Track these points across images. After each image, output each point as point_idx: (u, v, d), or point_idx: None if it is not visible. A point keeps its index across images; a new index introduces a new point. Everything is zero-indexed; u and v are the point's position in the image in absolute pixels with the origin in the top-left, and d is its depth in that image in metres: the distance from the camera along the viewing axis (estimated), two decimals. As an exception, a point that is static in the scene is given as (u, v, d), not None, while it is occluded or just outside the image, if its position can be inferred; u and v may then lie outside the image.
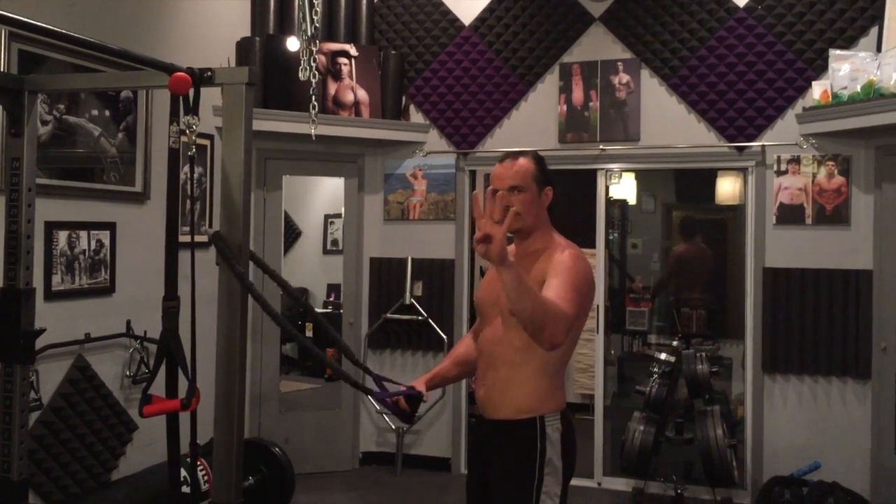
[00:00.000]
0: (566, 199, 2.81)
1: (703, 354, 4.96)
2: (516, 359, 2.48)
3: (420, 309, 5.55)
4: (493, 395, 2.52)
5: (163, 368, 2.51)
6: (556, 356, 2.45)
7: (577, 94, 5.30)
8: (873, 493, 4.61)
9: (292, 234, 8.78)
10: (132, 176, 4.28)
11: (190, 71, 2.45)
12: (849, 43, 4.76)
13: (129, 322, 4.18)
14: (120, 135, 4.20)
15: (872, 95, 4.31)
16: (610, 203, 5.70)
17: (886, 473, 4.60)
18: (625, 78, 5.20)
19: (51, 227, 3.73)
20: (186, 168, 4.18)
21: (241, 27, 5.42)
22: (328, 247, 8.87)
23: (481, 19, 5.52)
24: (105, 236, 4.08)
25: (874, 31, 4.68)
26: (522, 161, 2.54)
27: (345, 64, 5.43)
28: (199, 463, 4.07)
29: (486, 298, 2.62)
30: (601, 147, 5.23)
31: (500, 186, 2.48)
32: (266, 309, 2.56)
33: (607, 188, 5.46)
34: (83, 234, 3.94)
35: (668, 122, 5.15)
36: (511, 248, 2.48)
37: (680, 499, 4.90)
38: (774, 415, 4.94)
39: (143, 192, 4.33)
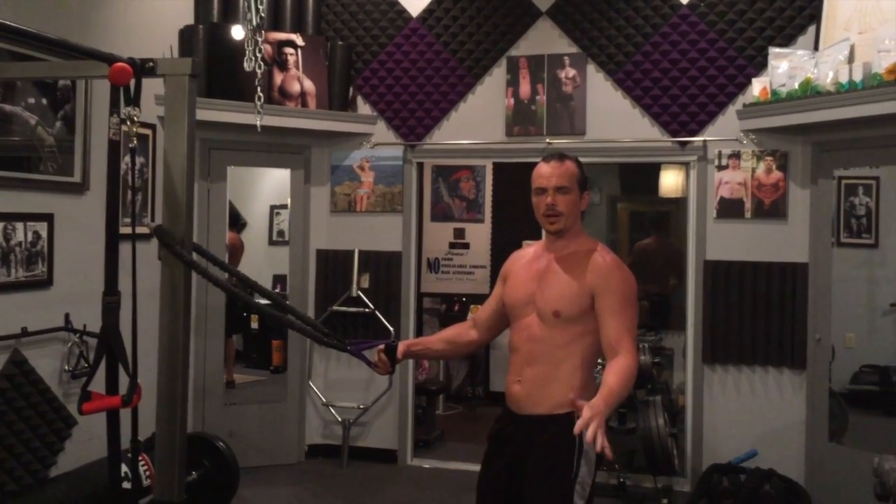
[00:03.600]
0: (514, 191, 2.90)
1: (646, 345, 5.03)
2: (558, 355, 2.59)
3: (367, 301, 5.54)
4: (532, 392, 2.60)
5: (103, 364, 2.47)
6: (593, 352, 2.62)
7: (525, 88, 5.33)
8: (808, 480, 4.75)
9: (237, 224, 8.65)
10: (70, 166, 4.18)
11: (131, 61, 2.40)
12: (787, 41, 4.87)
13: (67, 315, 4.08)
14: (58, 123, 4.09)
15: (809, 93, 4.42)
16: (556, 196, 5.74)
17: (820, 460, 4.75)
18: (571, 72, 5.25)
19: (-15, 219, 3.63)
20: (127, 158, 4.13)
21: (184, 15, 5.31)
22: (274, 238, 8.78)
23: (429, 11, 5.50)
24: (42, 228, 3.98)
25: (812, 29, 4.80)
26: (569, 163, 2.62)
27: (291, 54, 5.37)
28: (140, 458, 4.00)
29: (520, 298, 2.69)
30: (548, 140, 5.26)
31: (546, 185, 2.60)
32: (224, 287, 2.61)
33: (553, 181, 5.49)
34: (19, 225, 3.83)
35: (613, 116, 5.20)
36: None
37: (622, 487, 4.98)
38: (714, 404, 5.05)
39: (81, 183, 4.23)
